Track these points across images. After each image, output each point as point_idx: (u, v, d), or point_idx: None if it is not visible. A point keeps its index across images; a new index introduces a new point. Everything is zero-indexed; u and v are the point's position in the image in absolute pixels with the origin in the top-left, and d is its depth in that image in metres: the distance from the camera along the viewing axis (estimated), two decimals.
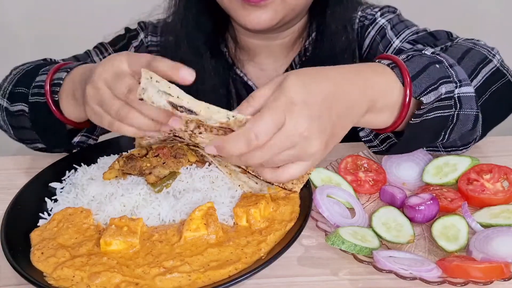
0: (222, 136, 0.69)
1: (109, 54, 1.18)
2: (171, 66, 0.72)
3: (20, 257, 0.73)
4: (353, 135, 1.24)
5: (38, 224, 0.82)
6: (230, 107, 1.19)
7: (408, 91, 0.76)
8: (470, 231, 0.77)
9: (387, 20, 1.13)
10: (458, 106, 0.80)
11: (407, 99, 0.76)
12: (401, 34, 1.09)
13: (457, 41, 0.98)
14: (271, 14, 1.01)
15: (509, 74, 0.91)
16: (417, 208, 0.80)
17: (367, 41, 1.15)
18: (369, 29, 1.15)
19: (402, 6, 1.19)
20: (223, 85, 1.17)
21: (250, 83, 1.19)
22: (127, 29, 1.24)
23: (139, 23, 1.25)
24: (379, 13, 1.15)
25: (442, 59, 0.83)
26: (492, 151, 0.99)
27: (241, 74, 1.19)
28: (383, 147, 0.86)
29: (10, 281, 0.73)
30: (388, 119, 0.79)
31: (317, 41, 1.14)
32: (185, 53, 1.13)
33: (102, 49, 1.20)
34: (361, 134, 0.87)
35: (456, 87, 0.80)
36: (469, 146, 0.91)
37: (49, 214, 0.84)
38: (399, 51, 1.06)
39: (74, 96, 0.88)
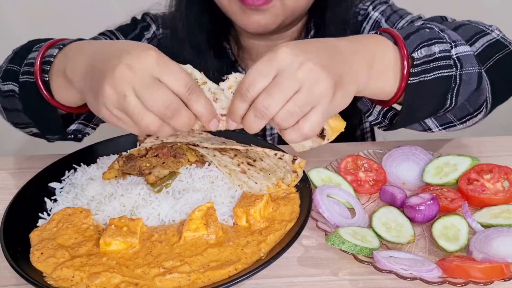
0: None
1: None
2: (209, 112, 0.70)
3: (19, 257, 0.73)
4: (353, 135, 1.24)
5: (37, 224, 0.82)
6: None
7: (403, 49, 0.77)
8: (470, 231, 0.77)
9: (380, 13, 1.12)
10: (459, 66, 0.80)
11: (405, 52, 0.77)
12: (397, 25, 1.09)
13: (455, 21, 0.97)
14: (271, 18, 1.01)
15: None
16: (417, 208, 0.80)
17: None
18: (364, 25, 1.14)
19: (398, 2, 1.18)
20: None
21: None
22: (135, 20, 1.20)
23: (147, 14, 1.21)
24: (371, 7, 1.14)
25: (432, 26, 0.83)
26: (492, 151, 0.99)
27: (243, 72, 1.19)
28: (391, 122, 0.86)
29: (10, 281, 0.73)
30: (392, 83, 0.79)
31: (317, 37, 1.14)
32: (188, 51, 1.13)
33: (112, 38, 1.15)
34: (371, 119, 0.89)
35: (451, 47, 0.80)
36: (481, 110, 0.86)
37: (48, 214, 0.84)
38: None
39: (65, 75, 0.79)
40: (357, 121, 1.25)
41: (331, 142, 0.78)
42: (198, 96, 0.69)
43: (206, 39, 1.13)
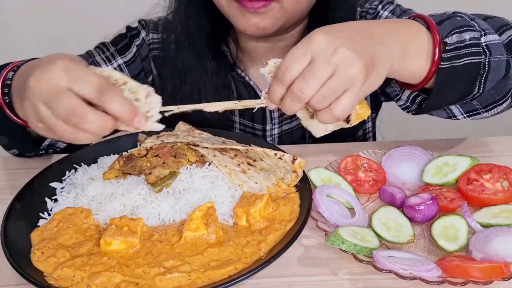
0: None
1: (111, 53, 1.18)
2: (128, 111, 0.70)
3: (20, 257, 0.73)
4: (354, 136, 1.24)
5: (38, 224, 0.82)
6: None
7: (436, 35, 0.80)
8: (470, 231, 0.77)
9: (390, 12, 1.13)
10: (488, 54, 0.82)
11: (437, 37, 0.80)
12: None
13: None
14: (270, 21, 1.01)
15: None
16: (417, 208, 0.80)
17: None
18: None
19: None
20: (225, 86, 1.17)
21: (251, 83, 1.19)
22: (129, 28, 1.23)
23: (139, 21, 1.24)
24: (380, 6, 1.14)
25: (463, 15, 0.86)
26: (492, 151, 0.99)
27: (243, 75, 1.19)
28: (420, 106, 0.89)
29: (10, 281, 0.73)
30: (424, 67, 0.81)
31: None
32: (186, 54, 1.13)
33: (104, 49, 1.19)
34: (399, 103, 0.92)
35: (481, 36, 0.83)
36: (507, 98, 0.88)
37: (49, 214, 0.84)
38: None
39: (20, 97, 0.80)
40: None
41: (352, 125, 0.81)
42: (111, 97, 0.69)
43: (205, 42, 1.13)
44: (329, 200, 0.82)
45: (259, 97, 0.76)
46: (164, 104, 0.75)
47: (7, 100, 0.86)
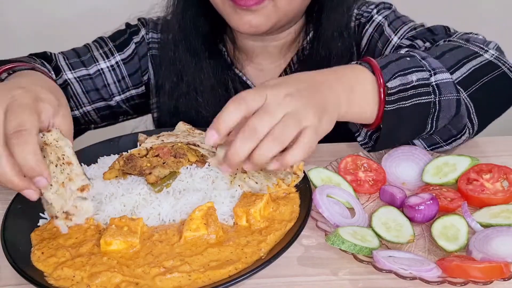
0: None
1: (109, 49, 1.18)
2: (33, 163, 0.67)
3: (20, 257, 0.73)
4: (353, 136, 1.24)
5: (38, 224, 0.82)
6: None
7: (379, 78, 0.82)
8: (470, 231, 0.77)
9: (383, 17, 1.13)
10: (438, 93, 0.84)
11: (381, 81, 0.82)
12: (399, 30, 1.10)
13: (453, 37, 0.99)
14: (263, 19, 1.01)
15: (506, 67, 0.91)
16: (417, 208, 0.80)
17: (364, 40, 1.15)
18: (366, 27, 1.15)
19: (398, 3, 1.19)
20: (222, 85, 1.17)
21: (249, 82, 1.19)
22: (128, 25, 1.23)
23: (139, 19, 1.24)
24: (375, 10, 1.15)
25: (415, 54, 0.88)
26: (492, 151, 0.99)
27: (240, 74, 1.19)
28: (373, 143, 0.91)
29: (10, 281, 0.73)
30: (372, 109, 0.84)
31: (314, 41, 1.14)
32: (183, 53, 1.14)
33: (102, 44, 1.20)
34: (359, 139, 0.95)
35: (430, 75, 0.85)
36: (465, 132, 0.90)
37: None
38: (398, 48, 1.08)
39: None
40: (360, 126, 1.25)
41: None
42: (24, 142, 0.66)
43: (201, 41, 1.14)
44: (329, 200, 0.82)
45: None
46: (161, 102, 0.73)
47: None
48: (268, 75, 1.19)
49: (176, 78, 1.16)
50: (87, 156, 0.96)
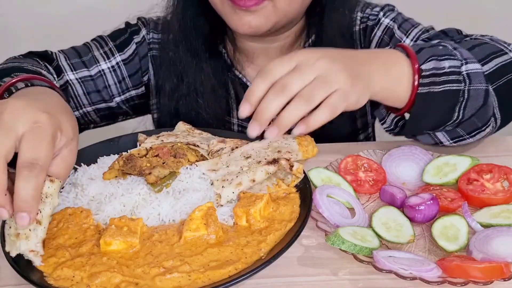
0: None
1: (109, 49, 1.17)
2: (25, 198, 0.65)
3: (20, 257, 0.73)
4: (353, 136, 1.25)
5: None
6: (229, 108, 1.19)
7: (414, 62, 0.84)
8: (470, 231, 0.77)
9: (391, 20, 1.13)
10: (468, 82, 0.85)
11: (416, 66, 0.84)
12: (410, 33, 1.11)
13: (473, 37, 1.01)
14: (262, 19, 1.01)
15: None
16: (417, 208, 0.80)
17: (374, 43, 1.15)
18: (375, 30, 1.15)
19: (400, 5, 1.18)
20: (222, 86, 1.17)
21: (249, 84, 1.19)
22: (128, 24, 1.23)
23: (139, 19, 1.23)
24: (381, 13, 1.15)
25: (446, 44, 0.89)
26: (492, 151, 0.99)
27: (240, 76, 1.19)
28: (402, 129, 0.92)
29: (10, 281, 0.73)
30: (406, 91, 0.85)
31: (316, 44, 1.14)
32: (184, 53, 1.13)
33: (102, 43, 1.19)
34: (384, 126, 0.96)
35: (462, 64, 0.86)
36: (489, 125, 0.91)
37: None
38: None
39: None
40: (361, 126, 1.25)
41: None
42: (34, 176, 0.65)
43: (202, 42, 1.13)
44: (329, 200, 0.82)
45: None
46: (161, 103, 0.73)
47: None
48: None
49: (177, 79, 1.15)
50: (87, 156, 0.96)
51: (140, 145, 0.96)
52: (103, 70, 1.17)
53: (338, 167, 0.92)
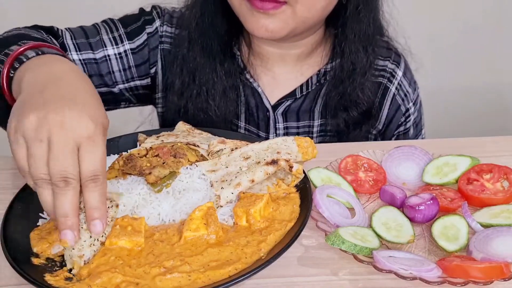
0: None
1: (119, 35, 1.13)
2: (96, 209, 0.71)
3: (20, 257, 0.73)
4: (353, 136, 1.24)
5: (38, 224, 0.82)
6: (238, 112, 1.17)
7: None
8: (470, 231, 0.77)
9: (412, 113, 1.19)
10: None
11: None
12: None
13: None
14: (280, 24, 0.99)
15: None
16: (417, 208, 0.80)
17: (384, 113, 1.18)
18: (389, 105, 1.17)
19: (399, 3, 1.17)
20: (234, 89, 1.14)
21: (259, 90, 1.15)
22: (142, 11, 1.18)
23: (154, 8, 1.19)
24: (411, 104, 1.19)
25: None
26: (492, 151, 0.99)
27: (251, 80, 1.15)
28: None
29: (10, 280, 0.73)
30: None
31: (336, 56, 1.12)
32: (198, 52, 1.11)
33: (112, 27, 1.14)
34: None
35: None
36: None
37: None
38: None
39: (21, 79, 0.78)
40: (364, 130, 1.24)
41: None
42: (96, 187, 0.69)
43: (217, 42, 1.11)
44: (329, 200, 0.82)
45: (264, 105, 0.74)
46: (169, 100, 0.72)
47: (12, 74, 0.81)
48: (282, 86, 1.16)
49: (188, 78, 1.13)
50: None
51: (140, 145, 0.96)
52: (109, 55, 1.12)
53: (338, 167, 0.92)
